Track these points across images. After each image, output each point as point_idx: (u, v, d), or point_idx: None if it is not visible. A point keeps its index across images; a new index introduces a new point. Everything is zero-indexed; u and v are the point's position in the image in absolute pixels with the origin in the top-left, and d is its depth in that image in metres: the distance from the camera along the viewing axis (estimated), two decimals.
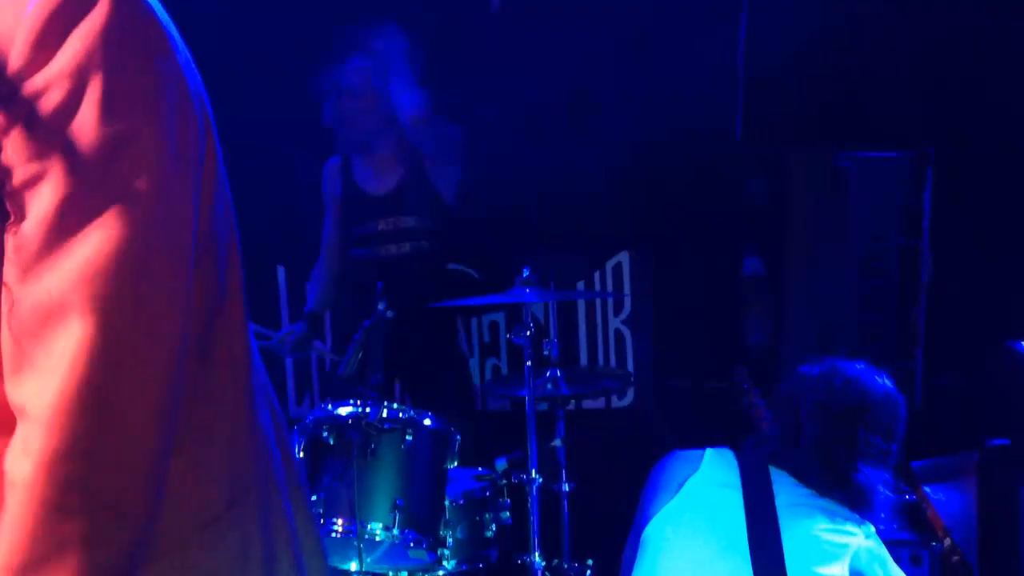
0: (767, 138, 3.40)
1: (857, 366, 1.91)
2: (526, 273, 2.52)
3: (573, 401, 3.47)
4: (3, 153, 0.84)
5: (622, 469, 2.56)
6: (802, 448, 1.82)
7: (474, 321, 3.56)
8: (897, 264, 3.32)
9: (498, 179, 3.35)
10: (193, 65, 0.97)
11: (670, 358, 3.59)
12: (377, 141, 3.04)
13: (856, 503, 1.80)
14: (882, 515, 1.82)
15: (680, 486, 1.85)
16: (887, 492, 1.83)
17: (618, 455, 3.30)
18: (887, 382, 1.90)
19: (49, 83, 0.83)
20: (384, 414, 2.37)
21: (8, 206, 0.85)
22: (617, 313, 3.66)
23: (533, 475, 2.53)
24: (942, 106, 3.30)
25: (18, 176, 0.84)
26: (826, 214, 3.27)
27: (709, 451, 1.91)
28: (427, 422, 2.41)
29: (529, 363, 2.52)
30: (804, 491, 1.81)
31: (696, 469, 1.87)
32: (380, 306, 2.46)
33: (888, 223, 3.31)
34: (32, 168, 0.83)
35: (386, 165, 3.06)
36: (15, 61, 0.84)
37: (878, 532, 1.83)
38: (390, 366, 3.02)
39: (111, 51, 0.85)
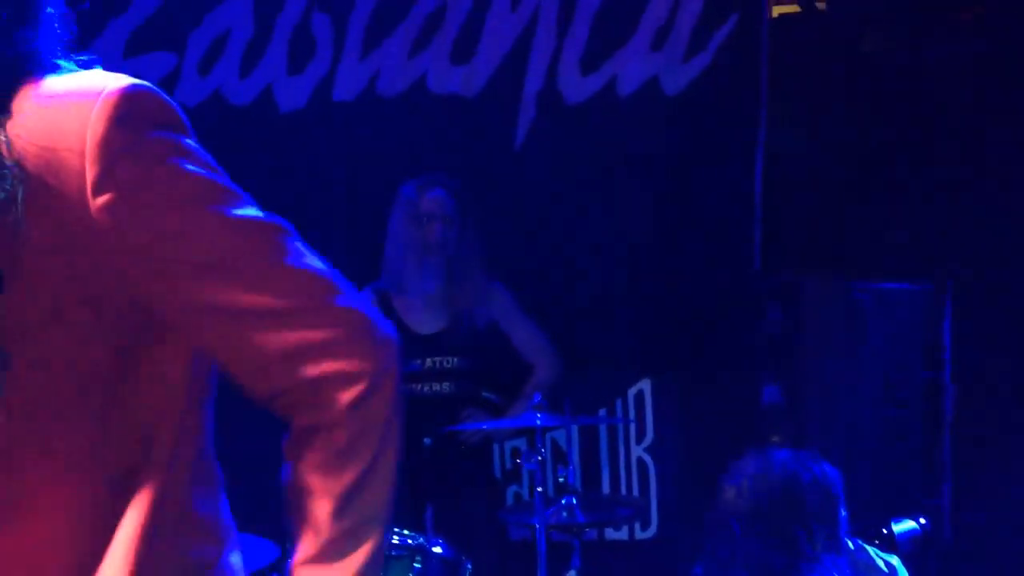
0: (784, 267, 3.45)
1: (780, 457, 1.83)
2: (537, 398, 2.55)
3: (596, 532, 3.43)
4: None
5: None
6: (745, 566, 1.77)
7: (496, 448, 3.56)
8: (921, 396, 3.30)
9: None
10: None
11: (695, 488, 3.55)
12: (429, 279, 3.11)
13: None
14: None
15: None
16: None
17: None
18: (807, 464, 1.83)
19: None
20: (394, 540, 2.37)
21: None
22: (640, 441, 3.65)
23: None
24: (960, 238, 3.34)
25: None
26: (842, 344, 3.28)
27: None
28: (437, 549, 2.41)
29: (540, 489, 2.52)
30: None
31: None
32: None
33: (909, 354, 3.31)
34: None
35: (434, 303, 3.14)
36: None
37: None
38: (423, 494, 3.04)
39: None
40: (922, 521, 2.13)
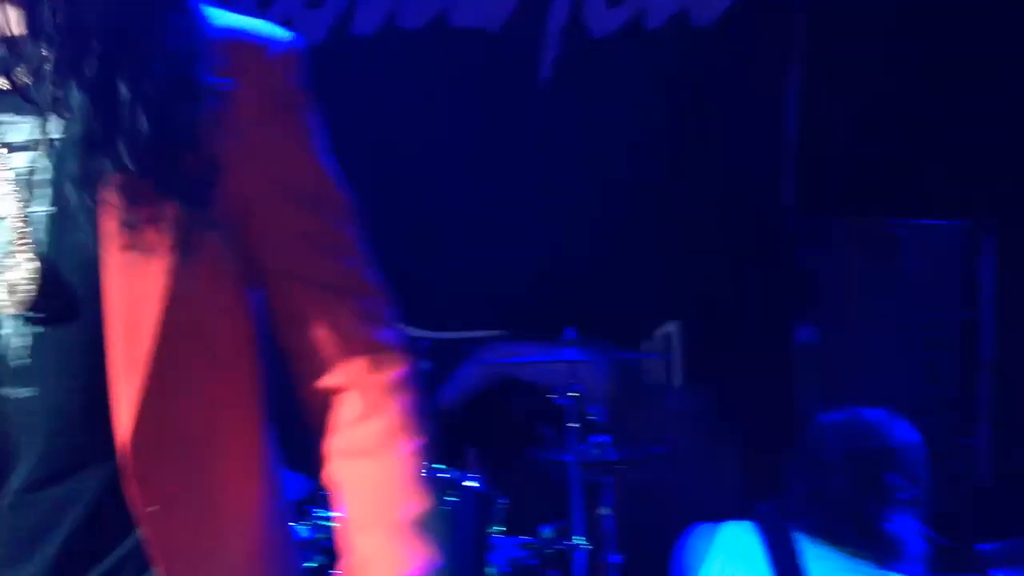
0: (821, 204, 3.36)
1: (878, 412, 1.86)
2: (571, 334, 2.48)
3: (627, 471, 3.38)
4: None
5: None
6: (828, 504, 1.76)
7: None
8: (958, 336, 3.22)
9: (546, 248, 3.34)
10: None
11: (725, 431, 3.50)
12: None
13: (887, 556, 1.72)
14: (918, 570, 1.74)
15: (698, 568, 1.79)
16: (921, 543, 1.75)
17: (675, 527, 3.19)
18: (910, 427, 1.86)
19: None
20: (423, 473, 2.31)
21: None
22: (669, 382, 3.58)
23: (578, 542, 2.45)
24: (1002, 175, 3.24)
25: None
26: (880, 282, 3.20)
27: (727, 526, 1.84)
28: (470, 484, 2.36)
29: (576, 425, 2.46)
30: (839, 560, 1.73)
31: (712, 547, 1.81)
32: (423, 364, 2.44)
33: (947, 293, 3.23)
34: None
35: None
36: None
37: None
38: (464, 431, 2.98)
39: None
40: None
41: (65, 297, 0.95)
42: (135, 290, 0.94)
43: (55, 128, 0.95)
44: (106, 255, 0.94)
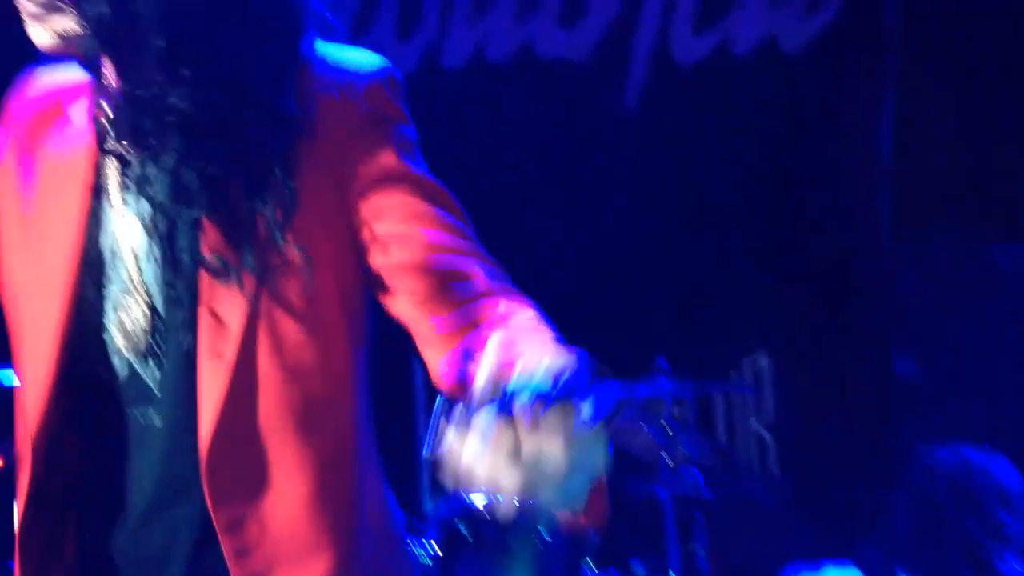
0: (919, 231, 3.26)
1: (989, 452, 1.80)
2: (663, 364, 2.44)
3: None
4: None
5: None
6: (940, 543, 1.70)
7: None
8: None
9: (633, 275, 3.31)
10: None
11: (817, 466, 3.40)
12: None
13: None
14: None
15: None
16: None
17: (770, 566, 3.11)
18: (1012, 466, 1.80)
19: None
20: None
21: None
22: (759, 417, 3.50)
23: None
24: None
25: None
26: (982, 311, 3.09)
27: (830, 569, 1.79)
28: None
29: (670, 463, 2.42)
30: None
31: None
32: None
33: None
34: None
35: None
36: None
37: None
38: None
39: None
40: None
41: (173, 339, 1.00)
42: (220, 312, 0.99)
43: (163, 166, 1.00)
44: (202, 287, 0.99)
